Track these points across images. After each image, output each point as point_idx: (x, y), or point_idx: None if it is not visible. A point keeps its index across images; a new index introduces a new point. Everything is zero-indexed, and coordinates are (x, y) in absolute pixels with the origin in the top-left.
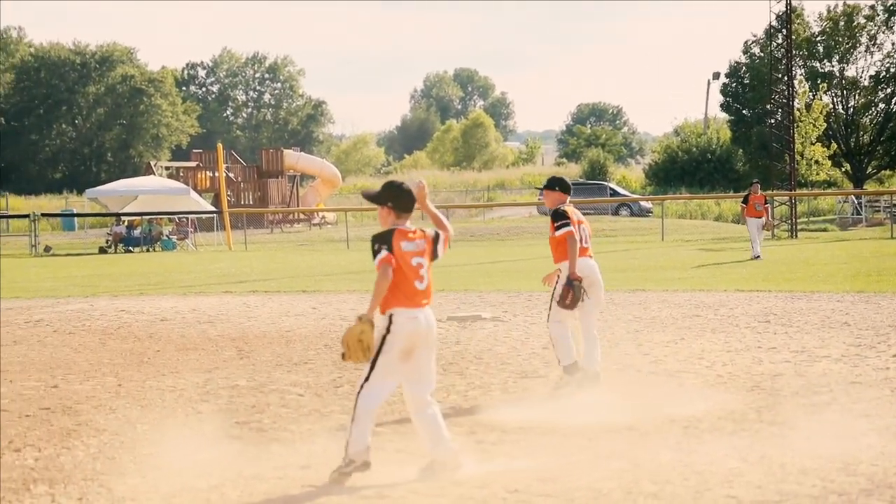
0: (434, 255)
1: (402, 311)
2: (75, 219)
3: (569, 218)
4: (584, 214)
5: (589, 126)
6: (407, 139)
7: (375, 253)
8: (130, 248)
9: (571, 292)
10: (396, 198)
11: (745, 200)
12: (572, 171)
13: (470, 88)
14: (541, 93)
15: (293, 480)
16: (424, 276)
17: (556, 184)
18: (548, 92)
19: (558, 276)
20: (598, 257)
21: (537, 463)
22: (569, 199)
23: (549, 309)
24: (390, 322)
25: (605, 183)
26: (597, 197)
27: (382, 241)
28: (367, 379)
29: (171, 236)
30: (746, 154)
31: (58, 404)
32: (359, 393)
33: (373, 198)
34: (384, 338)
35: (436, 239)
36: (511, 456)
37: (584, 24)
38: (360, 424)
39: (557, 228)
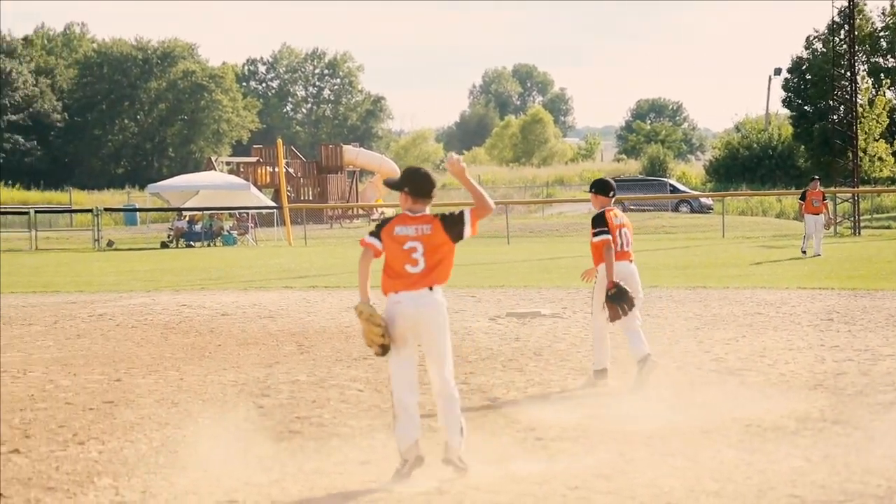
0: (457, 236)
1: (390, 295)
2: (137, 214)
3: (607, 224)
4: (644, 211)
5: (648, 122)
6: (466, 135)
7: (369, 234)
8: (191, 242)
9: (614, 306)
10: (411, 183)
11: (803, 197)
12: (632, 168)
13: (529, 84)
14: (600, 88)
15: (353, 476)
16: (419, 260)
17: (592, 187)
18: (607, 88)
19: (595, 278)
20: (658, 254)
21: (597, 460)
22: (612, 201)
23: (592, 307)
24: (386, 309)
25: (665, 179)
26: (656, 193)
27: (377, 226)
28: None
29: (231, 231)
30: (808, 150)
31: (121, 398)
32: (392, 392)
33: (392, 184)
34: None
35: (454, 220)
36: (571, 453)
37: (644, 19)
38: (400, 421)
39: (595, 234)
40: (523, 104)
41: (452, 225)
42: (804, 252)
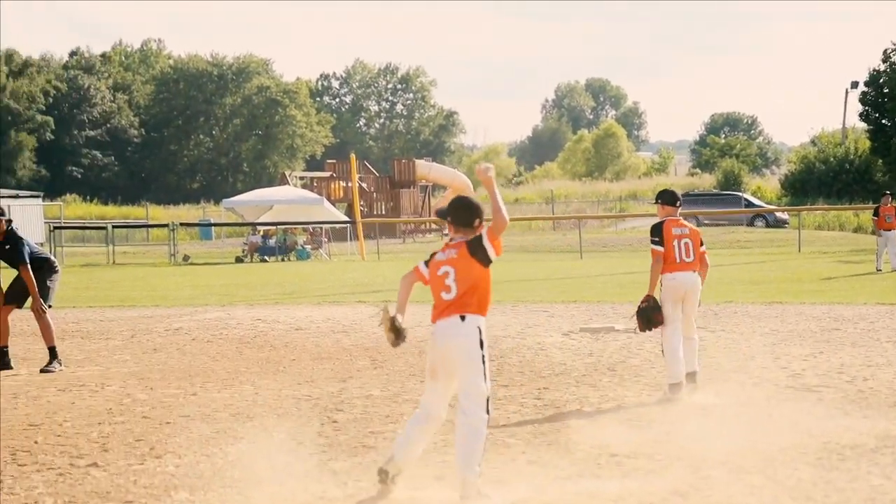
0: (485, 259)
1: (432, 326)
2: (212, 228)
3: (663, 234)
4: (718, 226)
5: (723, 136)
6: (538, 149)
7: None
8: (265, 257)
9: (641, 319)
10: (453, 213)
11: (876, 213)
12: (706, 182)
13: (602, 98)
14: (674, 102)
15: (428, 491)
16: (451, 286)
17: (658, 197)
18: (681, 101)
19: (661, 286)
20: (733, 269)
21: (673, 477)
22: (678, 211)
23: (635, 320)
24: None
25: (740, 194)
26: (731, 208)
27: (431, 254)
28: None
29: (305, 246)
30: (886, 164)
31: (197, 412)
32: None
33: (440, 213)
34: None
35: (476, 243)
36: (646, 470)
37: (718, 33)
38: (399, 436)
39: (651, 243)
40: (596, 118)
41: (476, 249)
42: (879, 270)
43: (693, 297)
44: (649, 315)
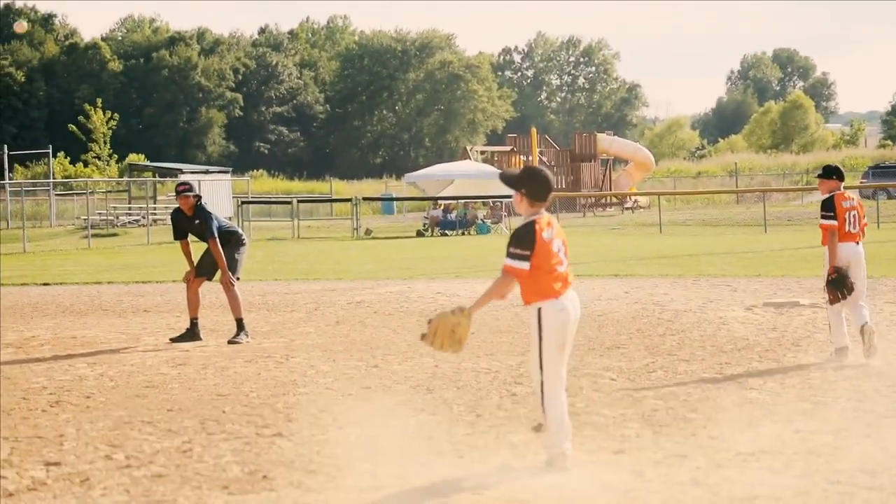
0: None
1: (549, 302)
2: (394, 203)
3: (835, 208)
4: None
5: None
6: (722, 122)
7: (513, 256)
8: (446, 231)
9: (833, 290)
10: (530, 185)
11: None
12: None
13: (789, 69)
14: (865, 73)
15: (606, 465)
16: (563, 260)
17: (831, 172)
18: (872, 72)
19: (825, 259)
20: None
21: (861, 454)
22: (842, 185)
23: (825, 293)
24: (539, 317)
25: None
26: None
27: (521, 244)
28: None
29: (485, 220)
30: None
31: (378, 384)
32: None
33: (509, 181)
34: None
35: None
36: (832, 446)
37: None
38: (554, 428)
39: (822, 218)
40: (783, 90)
41: None
42: None
43: (856, 267)
44: (842, 283)
